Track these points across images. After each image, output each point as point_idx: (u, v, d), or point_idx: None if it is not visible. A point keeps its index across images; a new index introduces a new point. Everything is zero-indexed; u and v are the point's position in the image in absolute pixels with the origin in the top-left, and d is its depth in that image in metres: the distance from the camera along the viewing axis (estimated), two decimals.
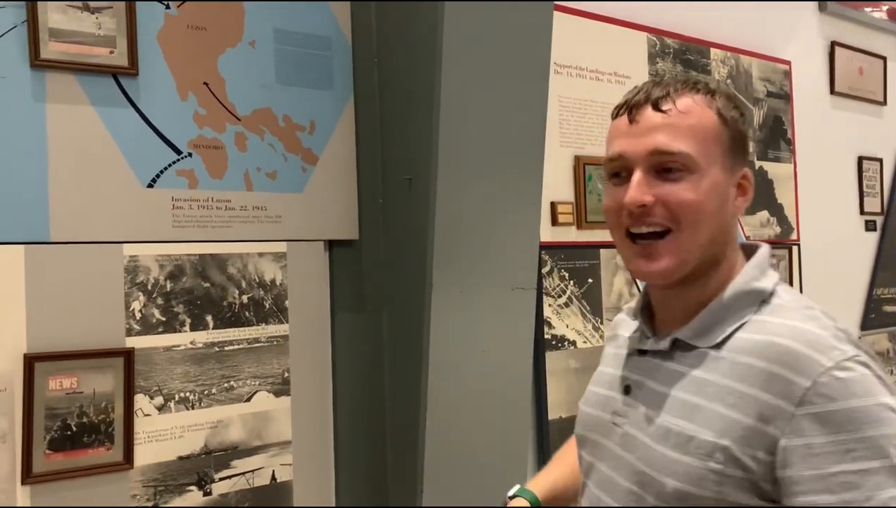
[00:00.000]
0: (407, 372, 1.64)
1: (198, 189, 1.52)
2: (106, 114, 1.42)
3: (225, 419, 1.54)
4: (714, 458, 0.79)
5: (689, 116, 0.87)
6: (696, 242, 0.86)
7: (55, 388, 1.35)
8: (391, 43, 1.71)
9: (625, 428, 0.91)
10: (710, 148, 0.87)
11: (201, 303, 1.52)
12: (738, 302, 0.87)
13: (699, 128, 0.87)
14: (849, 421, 0.75)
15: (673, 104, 0.87)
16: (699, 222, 0.85)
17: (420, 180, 1.59)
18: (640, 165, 0.87)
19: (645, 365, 0.93)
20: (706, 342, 0.87)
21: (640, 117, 0.88)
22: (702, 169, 0.86)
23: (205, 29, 1.53)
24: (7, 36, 1.33)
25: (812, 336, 0.80)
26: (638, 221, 0.86)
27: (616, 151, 0.89)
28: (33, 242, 1.34)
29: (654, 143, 0.86)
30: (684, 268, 0.87)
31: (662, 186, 0.86)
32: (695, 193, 0.85)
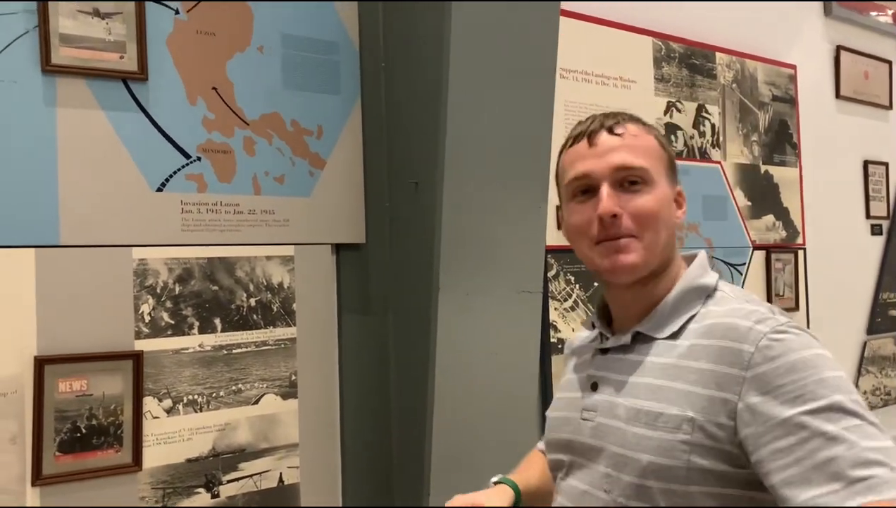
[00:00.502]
0: (413, 375, 1.65)
1: (206, 193, 1.53)
2: (116, 118, 1.43)
3: (233, 422, 1.55)
4: (682, 429, 0.88)
5: (639, 138, 1.00)
6: (656, 243, 0.97)
7: (65, 390, 1.36)
8: (398, 47, 1.72)
9: (596, 420, 0.99)
10: (657, 165, 1.00)
11: (210, 306, 1.53)
12: (688, 297, 0.99)
13: (648, 148, 1.00)
14: (791, 372, 0.84)
15: (625, 128, 1.00)
16: (658, 227, 0.97)
17: (426, 184, 1.60)
18: (605, 180, 0.98)
19: (608, 362, 1.02)
20: (663, 333, 0.97)
21: (599, 141, 1.00)
22: (655, 182, 0.98)
23: (214, 34, 1.55)
24: (19, 41, 1.34)
25: (748, 312, 0.92)
26: (609, 230, 0.97)
27: (581, 170, 1.00)
28: (44, 245, 1.36)
29: (618, 159, 0.98)
30: (648, 266, 0.98)
31: (626, 197, 0.97)
32: (654, 202, 0.97)
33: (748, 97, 2.62)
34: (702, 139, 2.45)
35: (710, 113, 2.48)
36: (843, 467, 0.78)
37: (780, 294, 2.66)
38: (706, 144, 2.47)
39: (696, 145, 2.44)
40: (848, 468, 0.78)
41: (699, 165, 2.43)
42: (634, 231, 0.96)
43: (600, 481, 0.96)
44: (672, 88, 2.37)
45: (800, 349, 0.86)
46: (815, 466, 0.79)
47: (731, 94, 2.56)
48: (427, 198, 1.59)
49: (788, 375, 0.84)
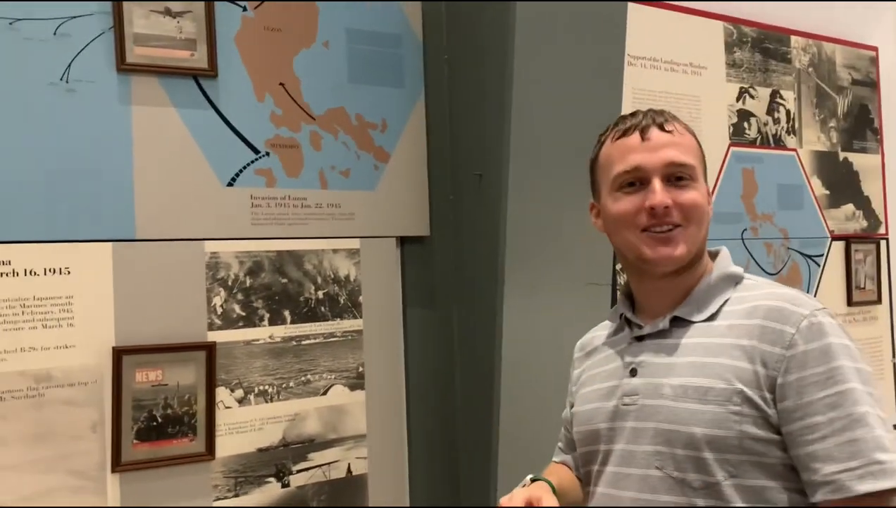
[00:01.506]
0: (479, 369, 1.64)
1: (275, 187, 1.55)
2: (187, 115, 1.46)
3: (302, 413, 1.57)
4: (732, 401, 0.95)
5: (685, 137, 1.06)
6: (698, 236, 1.03)
7: (141, 380, 1.41)
8: (462, 40, 1.70)
9: (640, 402, 1.02)
10: (698, 163, 1.06)
11: (279, 298, 1.56)
12: (722, 283, 1.05)
13: (692, 147, 1.06)
14: (825, 355, 0.93)
15: (674, 127, 1.05)
16: (701, 219, 1.03)
17: (491, 177, 1.58)
18: (657, 175, 1.02)
19: (645, 348, 1.05)
20: (701, 316, 1.02)
21: (651, 136, 1.04)
22: (698, 179, 1.04)
23: (280, 30, 1.57)
24: (95, 42, 1.39)
25: (789, 296, 1.00)
26: (660, 220, 1.01)
27: (633, 163, 1.03)
28: (120, 239, 1.40)
29: (669, 156, 1.02)
30: (690, 256, 1.02)
31: (675, 192, 1.02)
32: (699, 197, 1.03)
33: (825, 81, 2.52)
34: (776, 126, 2.37)
35: (784, 99, 2.39)
36: (864, 449, 0.89)
37: (862, 286, 2.55)
38: (781, 131, 2.38)
39: (771, 133, 2.35)
40: (869, 450, 0.89)
41: (773, 153, 2.35)
42: (681, 222, 1.01)
43: (649, 459, 0.99)
44: (745, 74, 2.29)
45: (832, 335, 0.94)
46: (838, 444, 0.90)
47: (807, 78, 2.46)
48: (492, 190, 1.58)
49: (823, 358, 0.93)
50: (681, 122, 1.08)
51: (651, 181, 1.02)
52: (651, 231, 1.02)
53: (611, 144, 1.07)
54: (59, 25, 1.35)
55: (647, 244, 1.02)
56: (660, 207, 1.00)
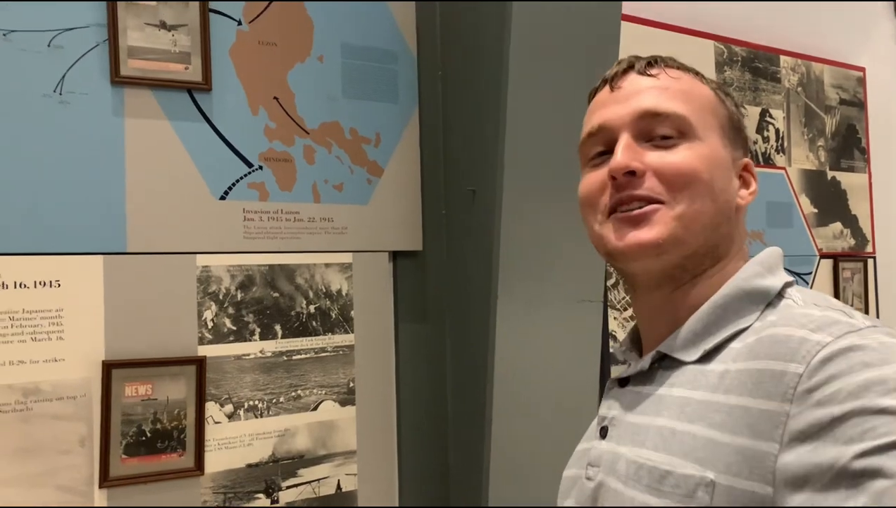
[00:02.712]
0: (470, 384, 1.64)
1: (268, 201, 1.55)
2: (181, 128, 1.46)
3: (292, 428, 1.56)
4: (696, 498, 0.61)
5: (680, 82, 0.76)
6: (695, 216, 0.71)
7: (131, 395, 1.39)
8: (456, 55, 1.71)
9: (597, 478, 0.73)
10: (706, 116, 0.75)
11: (270, 313, 1.55)
12: (734, 305, 0.70)
13: (693, 93, 0.76)
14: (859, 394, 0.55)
15: (662, 69, 0.77)
16: (697, 192, 0.71)
17: (485, 192, 1.59)
18: (626, 130, 0.74)
19: (624, 397, 0.76)
20: (691, 354, 0.70)
21: (624, 83, 0.77)
22: (698, 135, 0.73)
23: (275, 44, 1.57)
24: (89, 55, 1.38)
25: (813, 318, 0.63)
26: (626, 198, 0.72)
27: (597, 122, 0.76)
28: (111, 252, 1.39)
29: (642, 103, 0.74)
30: (680, 247, 0.71)
31: (653, 153, 0.73)
32: (694, 159, 0.72)
33: (814, 101, 2.54)
34: (765, 144, 2.39)
35: (774, 118, 2.42)
36: None
37: (849, 304, 2.57)
38: (770, 150, 2.40)
39: (760, 151, 2.37)
40: None
41: (763, 171, 2.37)
42: (661, 195, 0.71)
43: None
44: (735, 92, 2.31)
45: (880, 363, 0.56)
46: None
47: (796, 97, 2.49)
48: (485, 206, 1.58)
49: (855, 399, 0.55)
50: (691, 71, 0.79)
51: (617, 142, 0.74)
52: (616, 215, 0.73)
53: (589, 106, 0.82)
54: (53, 37, 1.35)
55: (611, 232, 0.73)
56: (618, 170, 0.71)
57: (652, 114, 0.74)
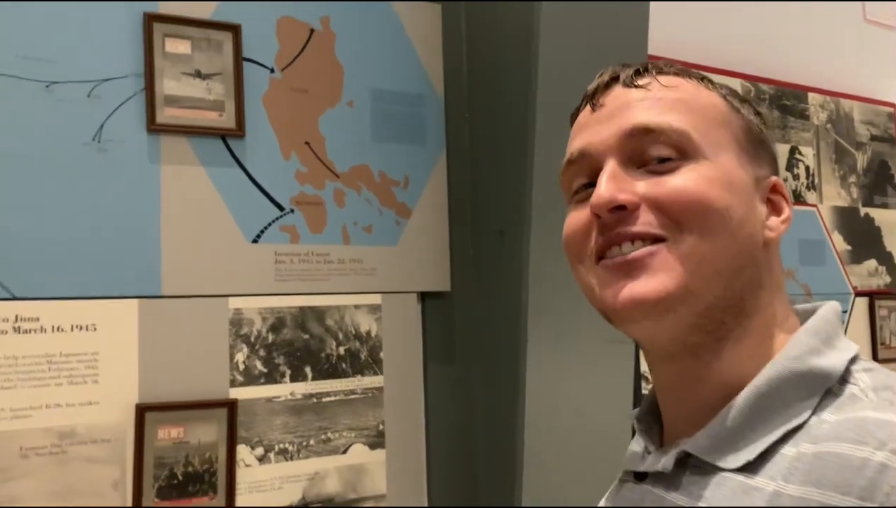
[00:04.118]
0: (500, 426, 1.62)
1: (299, 244, 1.57)
2: (215, 174, 1.49)
3: (322, 471, 1.55)
4: None
5: (678, 91, 0.62)
6: (704, 257, 0.55)
7: (164, 437, 1.40)
8: (483, 98, 1.73)
9: None
10: (714, 129, 0.60)
11: (300, 355, 1.56)
12: (783, 392, 0.54)
13: (695, 102, 0.61)
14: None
15: (653, 77, 0.63)
16: (708, 225, 0.56)
17: (513, 233, 1.59)
18: (611, 155, 0.60)
19: (642, 500, 0.61)
20: (730, 460, 0.54)
21: (607, 99, 0.63)
22: (704, 153, 0.58)
23: (307, 91, 1.60)
24: (127, 104, 1.42)
25: (887, 431, 0.47)
26: (616, 237, 0.58)
27: (575, 149, 0.64)
28: (146, 296, 1.41)
29: (629, 120, 0.60)
30: (689, 299, 0.55)
31: (647, 180, 0.58)
32: (699, 182, 0.57)
33: (844, 138, 2.53)
34: (796, 182, 2.37)
35: (803, 155, 2.40)
36: None
37: (887, 343, 2.52)
38: (801, 187, 2.38)
39: (791, 188, 2.35)
40: None
41: (795, 209, 2.34)
42: (661, 229, 0.57)
43: None
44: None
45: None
46: None
47: (825, 134, 2.48)
48: (513, 247, 1.58)
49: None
50: (685, 71, 0.65)
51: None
52: (609, 262, 0.59)
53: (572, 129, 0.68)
54: (92, 88, 1.39)
55: (605, 284, 0.59)
56: (601, 207, 0.58)
57: (642, 131, 0.59)
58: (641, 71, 0.63)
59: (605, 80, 0.65)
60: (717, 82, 0.66)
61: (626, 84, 0.63)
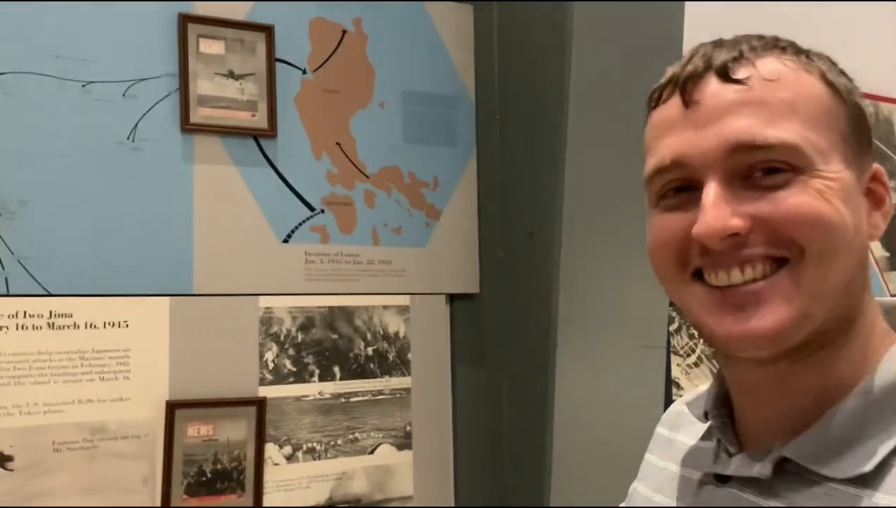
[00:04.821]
0: (529, 430, 1.61)
1: (329, 244, 1.57)
2: (247, 173, 1.50)
3: (349, 471, 1.55)
4: None
5: (782, 85, 0.55)
6: (826, 282, 0.52)
7: (193, 435, 1.41)
8: (515, 99, 1.72)
9: None
10: (823, 131, 0.54)
11: (329, 354, 1.56)
12: (890, 401, 0.52)
13: (802, 103, 0.54)
14: None
15: (752, 68, 0.55)
16: (830, 243, 0.51)
17: (543, 235, 1.58)
18: (713, 173, 0.54)
19: (729, 503, 0.57)
20: (842, 469, 0.51)
21: (703, 95, 0.55)
22: (815, 166, 0.53)
23: (338, 92, 1.60)
24: (161, 103, 1.44)
25: None
26: (724, 262, 0.53)
27: (669, 153, 0.56)
28: (178, 294, 1.42)
29: (735, 131, 0.53)
30: (805, 326, 0.52)
31: (759, 197, 0.52)
32: (817, 202, 0.51)
33: (883, 141, 2.47)
34: None
35: None
36: None
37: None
38: None
39: None
40: None
41: None
42: (780, 252, 0.52)
43: None
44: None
45: None
46: None
47: None
48: (543, 249, 1.57)
49: None
50: (790, 50, 0.57)
51: (704, 186, 0.54)
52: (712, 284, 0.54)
53: (650, 118, 0.63)
54: (128, 88, 1.41)
55: (707, 310, 0.55)
56: (712, 238, 0.52)
57: (748, 147, 0.53)
58: (739, 58, 0.56)
59: (698, 68, 0.56)
60: (812, 52, 0.59)
61: (721, 76, 0.55)
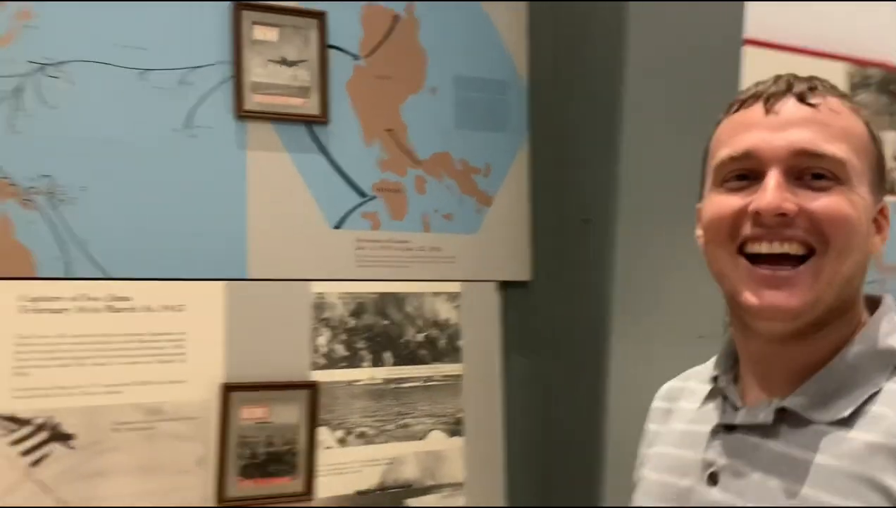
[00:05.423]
0: (583, 422, 1.59)
1: (380, 230, 1.57)
2: (299, 160, 1.51)
3: (400, 457, 1.56)
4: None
5: (841, 118, 0.71)
6: (839, 272, 0.68)
7: (247, 417, 1.43)
8: (569, 83, 1.69)
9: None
10: (861, 160, 0.70)
11: (380, 340, 1.56)
12: (868, 364, 0.68)
13: (852, 134, 0.71)
14: None
15: (822, 99, 0.72)
16: (850, 244, 0.68)
17: (598, 222, 1.55)
18: (777, 166, 0.68)
19: (737, 445, 0.72)
20: (827, 414, 0.67)
21: (781, 109, 0.71)
22: (851, 183, 0.69)
23: (390, 78, 1.60)
24: (216, 91, 1.45)
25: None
26: (769, 235, 0.68)
27: (745, 146, 0.71)
28: (232, 278, 1.44)
29: (801, 139, 0.68)
30: (818, 308, 0.68)
31: (805, 193, 0.68)
32: (850, 207, 0.67)
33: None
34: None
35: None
36: None
37: None
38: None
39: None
40: None
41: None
42: (815, 243, 0.67)
43: None
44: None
45: None
46: None
47: None
48: (599, 236, 1.54)
49: None
50: (842, 95, 0.74)
51: (766, 174, 0.69)
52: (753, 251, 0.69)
53: (728, 119, 0.77)
54: (183, 75, 1.42)
55: (745, 282, 0.69)
56: (769, 213, 0.67)
57: (810, 153, 0.68)
58: (814, 88, 0.72)
59: (781, 88, 0.72)
60: (856, 105, 0.76)
61: (799, 99, 0.71)
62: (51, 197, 1.32)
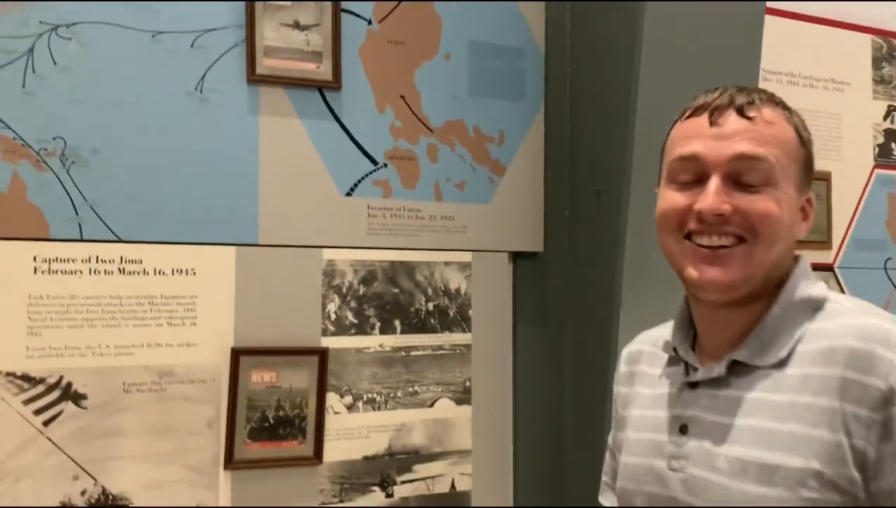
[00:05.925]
0: (591, 392, 1.59)
1: (391, 198, 1.56)
2: (311, 126, 1.50)
3: (408, 423, 1.57)
4: (807, 486, 0.75)
5: (773, 127, 0.84)
6: (767, 257, 0.82)
7: (257, 381, 1.44)
8: (585, 52, 1.67)
9: (688, 471, 0.84)
10: (789, 162, 0.84)
11: (390, 308, 1.57)
12: (792, 313, 0.83)
13: (782, 141, 0.84)
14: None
15: (759, 112, 0.84)
16: (776, 236, 0.82)
17: (611, 193, 1.53)
18: (718, 171, 0.82)
19: (699, 399, 0.87)
20: (767, 359, 0.82)
21: (723, 121, 0.84)
22: (779, 184, 0.83)
23: (403, 43, 1.58)
24: (228, 54, 1.44)
25: (878, 331, 0.77)
26: (710, 230, 0.82)
27: (691, 150, 0.84)
28: (243, 243, 1.45)
29: (738, 148, 0.82)
30: (749, 283, 0.82)
31: (740, 195, 0.82)
32: (774, 207, 0.82)
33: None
34: None
35: None
36: None
37: None
38: None
39: None
40: None
41: None
42: (745, 234, 0.82)
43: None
44: (894, 91, 2.12)
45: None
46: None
47: None
48: (611, 207, 1.53)
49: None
50: (781, 106, 0.87)
51: (709, 178, 0.82)
52: (697, 242, 0.83)
53: (680, 123, 0.90)
54: (196, 38, 1.42)
55: (690, 260, 0.84)
56: (709, 213, 0.81)
57: (747, 158, 0.82)
58: (751, 103, 0.85)
59: (725, 102, 0.85)
60: (793, 110, 0.88)
61: (739, 112, 0.84)
62: (63, 159, 1.33)
